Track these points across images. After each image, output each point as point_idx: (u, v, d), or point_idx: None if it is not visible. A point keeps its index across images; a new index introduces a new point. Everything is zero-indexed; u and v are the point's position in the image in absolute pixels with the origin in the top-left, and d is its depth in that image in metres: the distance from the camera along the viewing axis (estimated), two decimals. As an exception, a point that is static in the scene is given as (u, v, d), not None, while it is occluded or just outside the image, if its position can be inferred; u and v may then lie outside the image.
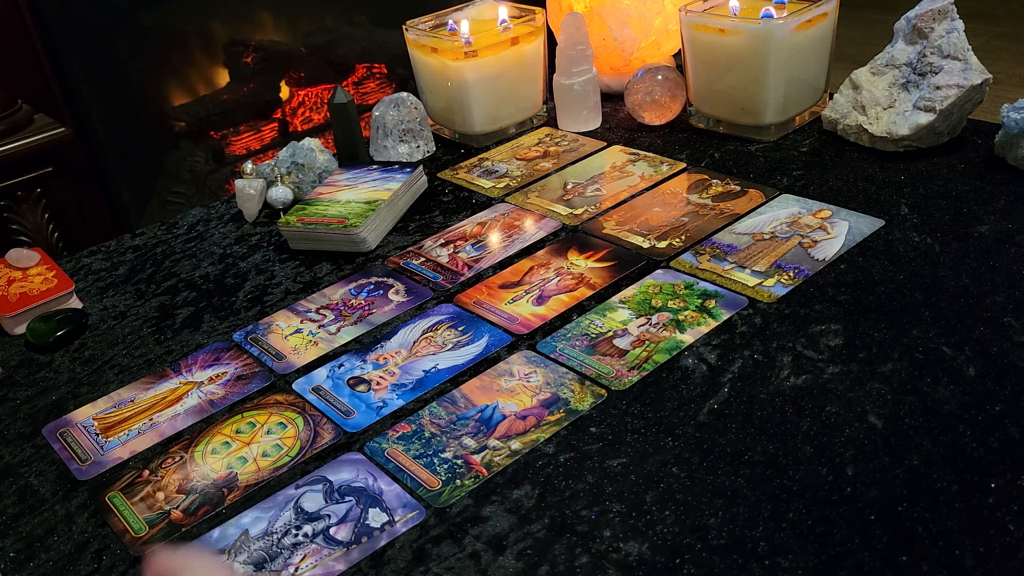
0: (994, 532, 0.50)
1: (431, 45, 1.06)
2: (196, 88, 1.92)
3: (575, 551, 0.53)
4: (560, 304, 0.76)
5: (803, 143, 0.98)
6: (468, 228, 0.91)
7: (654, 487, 0.56)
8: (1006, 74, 2.69)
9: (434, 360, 0.71)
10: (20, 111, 1.50)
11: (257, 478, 0.62)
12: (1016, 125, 0.83)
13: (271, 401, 0.70)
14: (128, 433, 0.68)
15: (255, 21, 1.99)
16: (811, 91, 1.00)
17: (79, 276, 0.92)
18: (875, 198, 0.84)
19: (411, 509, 0.58)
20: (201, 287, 0.87)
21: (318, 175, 1.00)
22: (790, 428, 0.59)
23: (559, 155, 1.04)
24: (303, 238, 0.90)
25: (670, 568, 0.51)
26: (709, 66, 0.99)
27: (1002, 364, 0.62)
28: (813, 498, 0.54)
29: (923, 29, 0.90)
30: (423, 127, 1.08)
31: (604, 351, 0.69)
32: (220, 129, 1.94)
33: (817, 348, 0.66)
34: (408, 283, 0.83)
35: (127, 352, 0.79)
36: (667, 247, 0.81)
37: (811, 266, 0.75)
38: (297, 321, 0.79)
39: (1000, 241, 0.75)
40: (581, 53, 1.05)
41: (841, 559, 0.50)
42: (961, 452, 0.55)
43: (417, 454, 0.62)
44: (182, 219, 1.02)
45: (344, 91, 1.04)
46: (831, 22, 0.98)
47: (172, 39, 1.86)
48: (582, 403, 0.64)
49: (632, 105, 1.06)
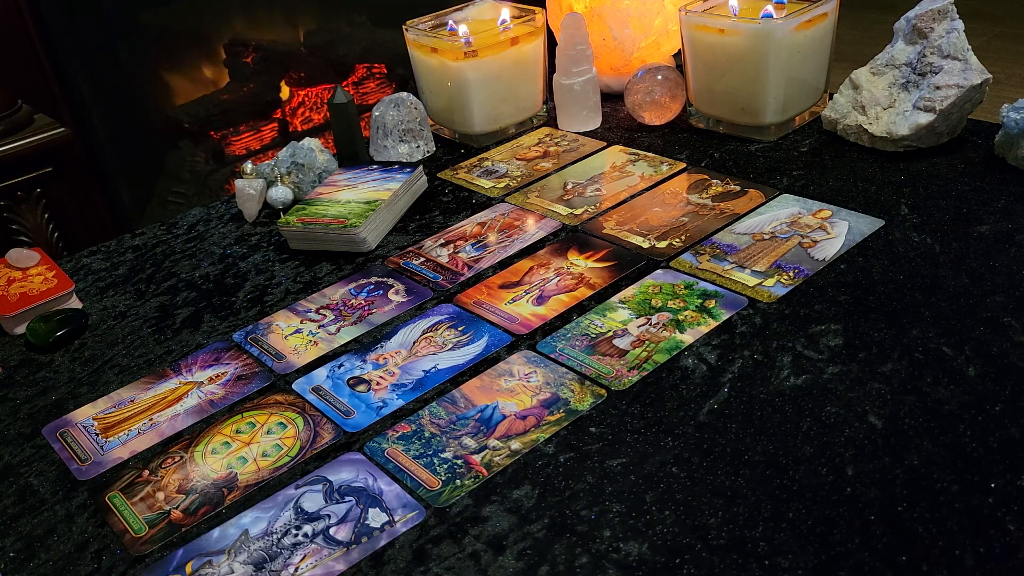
0: (994, 532, 0.50)
1: (431, 45, 1.06)
2: (196, 88, 1.92)
3: (575, 551, 0.53)
4: (560, 304, 0.76)
5: (803, 143, 0.98)
6: (468, 228, 0.91)
7: (654, 487, 0.56)
8: (1006, 74, 2.69)
9: (434, 360, 0.71)
10: (20, 111, 1.50)
11: (257, 478, 0.62)
12: (1016, 125, 0.83)
13: (271, 401, 0.70)
14: (128, 433, 0.68)
15: (255, 21, 1.99)
16: (811, 91, 1.00)
17: (79, 276, 0.92)
18: (875, 198, 0.84)
19: (411, 509, 0.58)
20: (201, 287, 0.87)
21: (318, 175, 1.00)
22: (790, 428, 0.59)
23: (559, 155, 1.04)
24: (303, 238, 0.90)
25: (670, 568, 0.51)
26: (709, 66, 0.99)
27: (1002, 364, 0.62)
28: (813, 498, 0.54)
29: (923, 29, 0.90)
30: (423, 127, 1.08)
31: (604, 351, 0.69)
32: (220, 129, 1.94)
33: (817, 348, 0.66)
34: (408, 283, 0.83)
35: (127, 352, 0.79)
36: (667, 247, 0.81)
37: (811, 266, 0.75)
38: (297, 321, 0.79)
39: (1000, 241, 0.75)
40: (581, 53, 1.05)
41: (841, 559, 0.50)
42: (961, 452, 0.55)
43: (417, 454, 0.62)
44: (182, 219, 1.02)
45: (344, 91, 1.04)
46: (831, 22, 0.98)
47: (172, 39, 1.86)
48: (582, 403, 0.64)
49: (632, 105, 1.06)
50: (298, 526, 0.57)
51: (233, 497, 0.61)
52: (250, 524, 0.58)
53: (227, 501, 0.60)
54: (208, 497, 0.61)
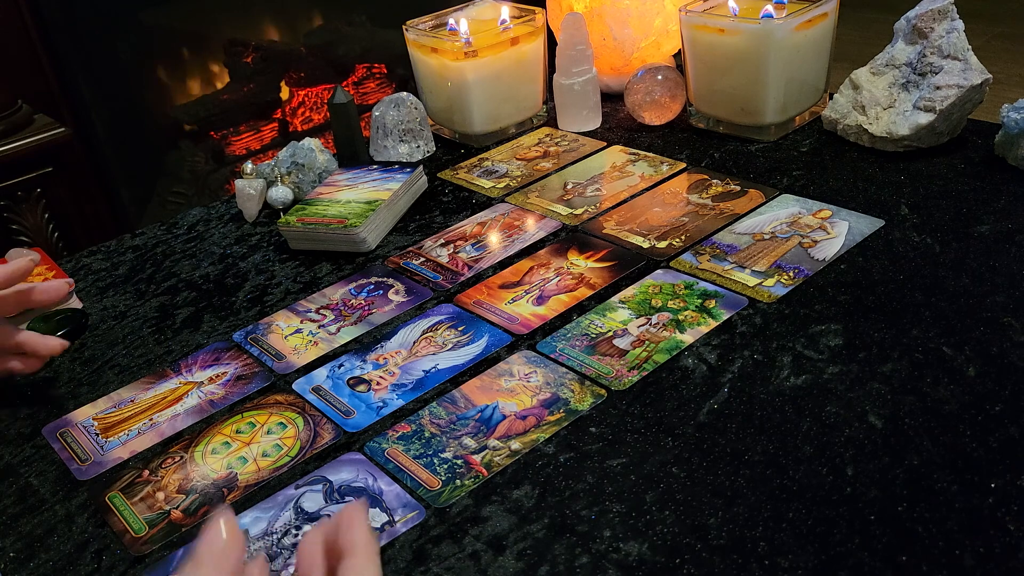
0: (994, 532, 0.50)
1: (431, 45, 1.06)
2: (196, 88, 1.92)
3: (575, 551, 0.53)
4: (560, 304, 0.76)
5: (803, 143, 0.98)
6: (468, 228, 0.91)
7: (654, 487, 0.56)
8: (1006, 74, 2.69)
9: (434, 360, 0.71)
10: (20, 111, 1.50)
11: (257, 478, 0.62)
12: (1016, 125, 0.83)
13: (271, 401, 0.70)
14: (128, 433, 0.68)
15: (255, 21, 1.99)
16: (811, 91, 1.00)
17: (79, 276, 0.92)
18: (875, 198, 0.84)
19: (411, 509, 0.58)
20: (201, 287, 0.87)
21: (318, 175, 1.00)
22: (790, 428, 0.59)
23: (559, 155, 1.04)
24: (303, 238, 0.90)
25: (670, 568, 0.51)
26: (709, 66, 0.99)
27: (1002, 364, 0.62)
28: (813, 498, 0.54)
29: (923, 29, 0.90)
30: (423, 127, 1.08)
31: (604, 351, 0.69)
32: (220, 129, 1.94)
33: (817, 348, 0.66)
34: (408, 283, 0.83)
35: (127, 352, 0.79)
36: (667, 247, 0.81)
37: (811, 266, 0.75)
38: (297, 321, 0.79)
39: (1000, 241, 0.75)
40: (581, 53, 1.05)
41: (841, 559, 0.50)
42: (961, 452, 0.55)
43: (417, 454, 0.62)
44: (182, 219, 1.02)
45: (344, 91, 1.04)
46: (831, 22, 0.98)
47: (172, 39, 1.86)
48: (582, 403, 0.64)
49: (632, 105, 1.06)
50: (298, 526, 0.57)
51: (233, 497, 0.61)
52: (250, 524, 0.58)
53: (227, 501, 0.60)
54: (208, 497, 0.61)
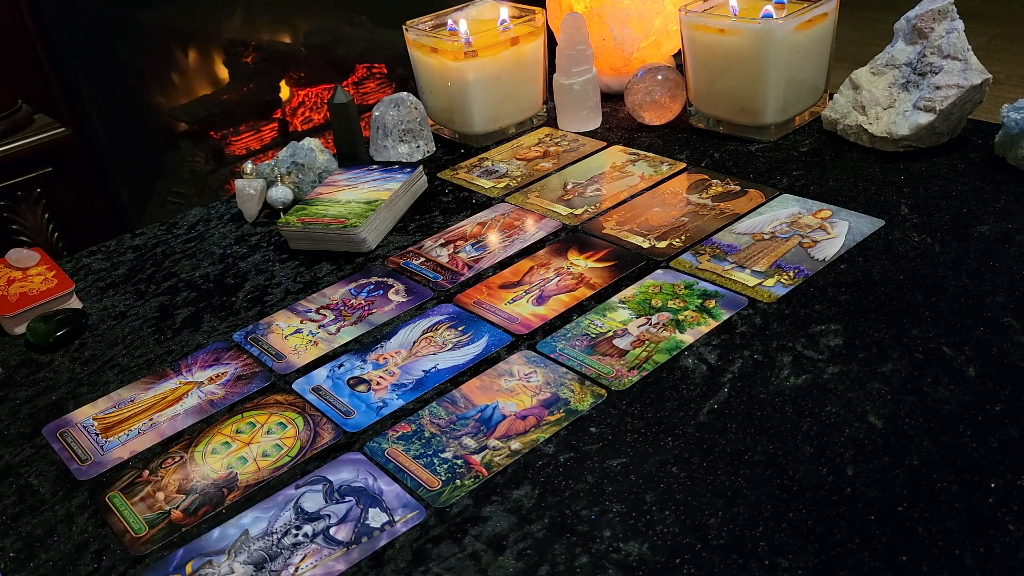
0: (994, 532, 0.50)
1: (431, 45, 1.06)
2: (196, 88, 1.92)
3: (575, 551, 0.53)
4: (560, 304, 0.76)
5: (803, 143, 0.98)
6: (468, 228, 0.91)
7: (654, 487, 0.56)
8: (1006, 74, 2.69)
9: (434, 360, 0.71)
10: (20, 111, 1.50)
11: (257, 478, 0.62)
12: (1016, 125, 0.83)
13: (271, 401, 0.70)
14: (128, 433, 0.68)
15: (255, 21, 1.99)
16: (811, 91, 1.00)
17: (79, 276, 0.92)
18: (875, 198, 0.84)
19: (411, 509, 0.58)
20: (201, 287, 0.87)
21: (318, 175, 1.00)
22: (790, 428, 0.59)
23: (559, 155, 1.04)
24: (303, 238, 0.90)
25: (670, 568, 0.51)
26: (709, 66, 0.99)
27: (1002, 364, 0.62)
28: (813, 498, 0.54)
29: (923, 29, 0.90)
30: (423, 127, 1.08)
31: (604, 351, 0.69)
32: (220, 129, 1.94)
33: (817, 348, 0.66)
34: (408, 283, 0.83)
35: (127, 352, 0.79)
36: (667, 247, 0.81)
37: (811, 266, 0.75)
38: (297, 321, 0.79)
39: (1000, 241, 0.75)
40: (581, 53, 1.05)
41: (841, 559, 0.50)
42: (961, 452, 0.55)
43: (417, 454, 0.62)
44: (182, 219, 1.02)
45: (344, 91, 1.04)
46: (831, 22, 0.98)
47: (172, 39, 1.86)
48: (582, 403, 0.64)
49: (632, 105, 1.06)
50: (298, 526, 0.57)
51: (233, 497, 0.61)
52: (250, 524, 0.58)
53: (227, 501, 0.60)
54: (208, 497, 0.61)
